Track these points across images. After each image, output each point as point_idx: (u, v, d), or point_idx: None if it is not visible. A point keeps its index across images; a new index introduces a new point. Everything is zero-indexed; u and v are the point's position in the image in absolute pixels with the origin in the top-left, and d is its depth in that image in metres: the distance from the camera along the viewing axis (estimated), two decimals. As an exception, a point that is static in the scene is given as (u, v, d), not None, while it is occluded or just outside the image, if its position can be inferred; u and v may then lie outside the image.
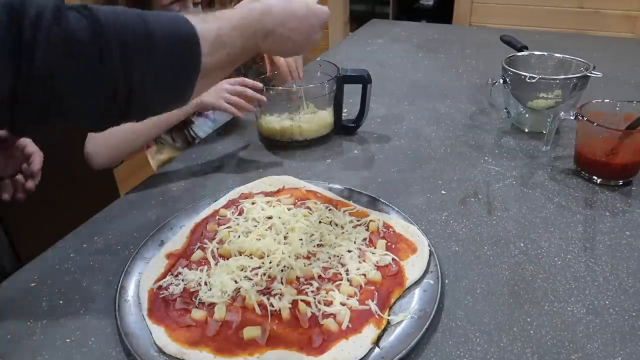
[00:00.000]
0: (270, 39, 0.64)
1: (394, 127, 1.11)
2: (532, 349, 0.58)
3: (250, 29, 0.60)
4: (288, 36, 0.65)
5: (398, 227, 0.75)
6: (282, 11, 0.64)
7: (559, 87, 1.00)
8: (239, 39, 0.58)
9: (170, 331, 0.59)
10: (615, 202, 0.84)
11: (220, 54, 0.56)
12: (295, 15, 0.66)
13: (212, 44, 0.55)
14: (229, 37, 0.57)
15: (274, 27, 0.63)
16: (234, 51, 0.58)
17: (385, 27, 1.90)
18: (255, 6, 0.63)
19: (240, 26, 0.59)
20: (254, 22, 0.61)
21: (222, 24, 0.57)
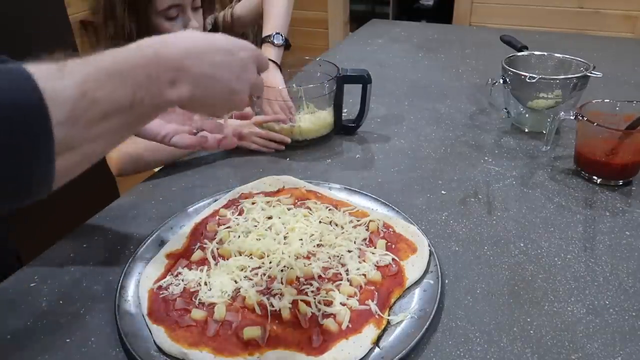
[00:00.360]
0: (184, 84, 0.47)
1: (394, 127, 1.11)
2: (532, 349, 0.58)
3: (140, 73, 0.44)
4: (212, 74, 0.49)
5: (398, 227, 0.75)
6: (193, 41, 0.49)
7: (559, 87, 1.00)
8: (120, 90, 0.43)
9: (170, 331, 0.59)
10: (615, 202, 0.84)
11: (91, 116, 0.41)
12: (216, 45, 0.51)
13: (74, 106, 0.39)
14: (103, 90, 0.41)
15: (184, 63, 0.47)
16: (115, 108, 0.42)
17: (385, 27, 1.90)
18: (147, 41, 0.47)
19: (120, 71, 0.43)
20: (146, 61, 0.45)
21: (89, 73, 0.41)
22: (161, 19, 1.06)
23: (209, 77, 0.49)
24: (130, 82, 0.44)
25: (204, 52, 0.49)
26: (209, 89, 0.50)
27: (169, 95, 0.47)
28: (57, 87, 0.39)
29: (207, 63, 0.49)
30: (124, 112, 0.43)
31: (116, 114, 0.43)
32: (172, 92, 0.47)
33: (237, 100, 0.54)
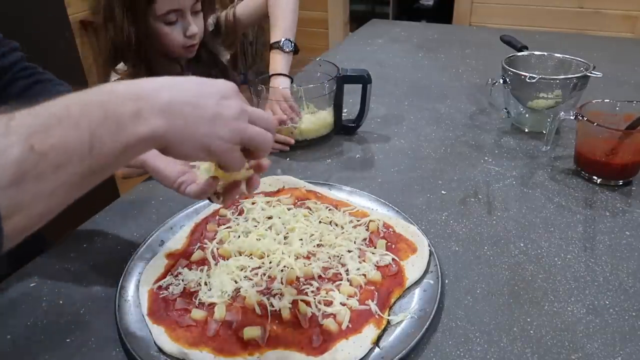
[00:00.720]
0: (153, 115, 0.42)
1: (394, 127, 1.11)
2: (532, 349, 0.58)
3: (95, 110, 0.40)
4: (186, 101, 0.44)
5: (398, 227, 0.75)
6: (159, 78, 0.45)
7: (559, 87, 1.00)
8: (73, 134, 0.38)
9: (170, 331, 0.59)
10: (615, 202, 0.84)
11: (40, 170, 0.36)
12: (186, 78, 0.47)
13: (19, 166, 0.35)
14: (53, 138, 0.37)
15: (146, 91, 0.43)
16: (69, 156, 0.38)
17: (385, 27, 1.90)
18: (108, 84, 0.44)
19: (72, 114, 0.39)
20: (101, 98, 0.41)
21: (38, 123, 0.37)
22: (160, 23, 1.05)
23: (181, 103, 0.44)
24: (85, 123, 0.39)
25: (173, 82, 0.45)
26: (184, 117, 0.44)
27: (136, 130, 0.41)
28: (1, 146, 0.35)
29: (177, 90, 0.45)
30: (82, 159, 0.39)
31: (72, 163, 0.38)
32: (140, 126, 0.41)
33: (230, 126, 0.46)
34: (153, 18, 1.04)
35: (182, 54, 1.13)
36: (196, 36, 1.11)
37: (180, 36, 1.08)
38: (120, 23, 1.03)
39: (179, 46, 1.10)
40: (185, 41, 1.09)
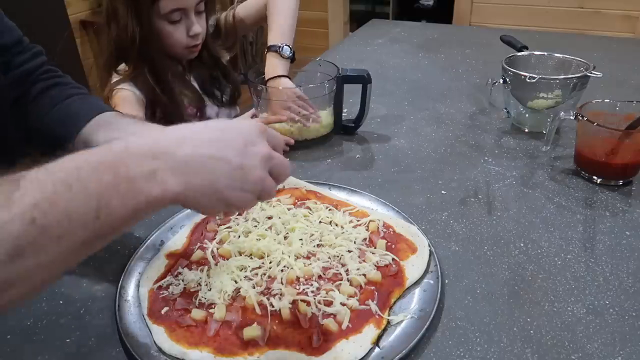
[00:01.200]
0: (168, 173, 0.40)
1: (394, 127, 1.11)
2: (532, 349, 0.58)
3: (106, 172, 0.38)
4: (206, 154, 0.42)
5: (398, 227, 0.75)
6: (176, 128, 0.44)
7: (559, 87, 1.00)
8: (79, 201, 0.37)
9: (170, 331, 0.59)
10: (615, 202, 0.84)
11: (40, 243, 0.35)
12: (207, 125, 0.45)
13: (18, 241, 0.34)
14: (57, 208, 0.36)
15: (164, 147, 0.41)
16: (73, 226, 0.36)
17: (385, 27, 1.90)
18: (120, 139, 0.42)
19: (81, 178, 0.37)
20: (113, 157, 0.39)
21: (43, 190, 0.36)
22: (164, 22, 1.06)
23: (201, 157, 0.41)
24: (94, 188, 0.37)
25: (192, 133, 0.43)
26: (204, 172, 0.42)
27: (149, 192, 0.39)
28: (1, 221, 0.34)
29: (196, 142, 0.42)
30: (87, 226, 0.37)
31: (75, 232, 0.37)
32: (153, 187, 0.39)
33: (252, 179, 0.44)
34: (157, 16, 1.04)
35: (185, 55, 1.13)
36: (199, 36, 1.11)
37: (184, 36, 1.08)
38: (124, 21, 1.03)
39: (181, 46, 1.10)
40: (188, 41, 1.10)
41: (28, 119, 0.76)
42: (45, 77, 0.79)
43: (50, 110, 0.75)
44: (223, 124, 0.46)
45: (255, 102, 1.06)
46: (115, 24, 1.05)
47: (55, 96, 0.77)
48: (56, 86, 0.79)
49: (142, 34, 1.04)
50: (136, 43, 1.04)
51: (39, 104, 0.76)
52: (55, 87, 0.78)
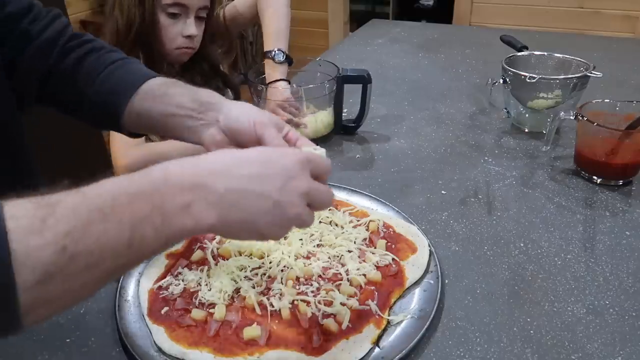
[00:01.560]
0: (204, 206, 0.40)
1: (394, 127, 1.11)
2: (532, 349, 0.58)
3: (143, 203, 0.38)
4: (243, 189, 0.42)
5: (398, 227, 0.75)
6: (218, 158, 0.44)
7: (559, 87, 1.00)
8: (114, 232, 0.37)
9: (170, 331, 0.59)
10: (615, 202, 0.84)
11: (70, 271, 0.35)
12: (248, 157, 0.44)
13: (47, 268, 0.34)
14: (89, 238, 0.36)
15: (203, 180, 0.41)
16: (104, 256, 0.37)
17: (385, 27, 1.90)
18: (160, 164, 0.42)
19: (116, 208, 0.37)
20: (152, 187, 0.39)
21: (78, 218, 0.36)
22: (164, 14, 1.07)
23: (240, 192, 0.41)
24: (128, 218, 0.37)
25: (231, 166, 0.42)
26: (241, 207, 0.41)
27: (183, 224, 0.39)
28: (32, 247, 0.34)
29: (236, 176, 0.42)
30: (118, 256, 0.37)
31: (105, 261, 0.37)
32: (187, 220, 0.40)
33: (290, 214, 0.44)
34: (159, 7, 1.06)
35: (175, 55, 1.13)
36: (193, 40, 1.11)
37: (178, 34, 1.09)
38: (127, 5, 1.04)
39: (174, 43, 1.10)
40: (181, 41, 1.10)
41: (70, 93, 0.69)
42: (75, 45, 0.70)
43: (94, 82, 0.67)
44: (265, 156, 0.46)
45: (256, 102, 1.06)
46: (119, 9, 1.06)
47: (94, 65, 0.69)
48: (92, 53, 0.70)
49: (142, 21, 1.05)
50: (134, 28, 1.05)
51: (78, 76, 0.68)
52: (91, 55, 0.70)
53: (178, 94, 0.64)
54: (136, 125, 0.67)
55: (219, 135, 0.62)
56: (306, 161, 0.47)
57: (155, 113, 0.64)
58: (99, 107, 0.67)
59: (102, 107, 0.67)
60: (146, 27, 1.06)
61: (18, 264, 0.33)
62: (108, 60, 0.69)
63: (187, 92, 0.64)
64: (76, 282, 0.36)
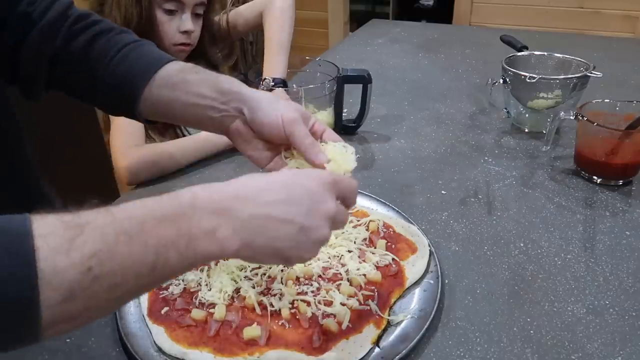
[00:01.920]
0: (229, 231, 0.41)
1: (394, 127, 1.11)
2: (532, 349, 0.58)
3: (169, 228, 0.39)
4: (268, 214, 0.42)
5: (398, 227, 0.75)
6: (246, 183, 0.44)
7: (559, 87, 1.00)
8: (139, 255, 0.37)
9: (170, 331, 0.59)
10: (615, 202, 0.84)
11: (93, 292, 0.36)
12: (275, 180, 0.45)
13: (72, 287, 0.35)
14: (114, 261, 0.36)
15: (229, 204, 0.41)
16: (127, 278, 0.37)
17: (385, 27, 1.90)
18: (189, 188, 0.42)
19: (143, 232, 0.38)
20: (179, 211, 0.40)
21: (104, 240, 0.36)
22: (159, 10, 1.08)
23: (265, 218, 0.41)
24: (153, 242, 0.38)
25: (258, 190, 0.43)
26: (267, 233, 0.41)
27: (206, 249, 0.40)
28: (59, 266, 0.34)
29: (261, 202, 0.42)
30: (141, 278, 0.38)
31: (128, 283, 0.38)
32: (212, 245, 0.40)
33: (315, 238, 0.44)
34: (155, 3, 1.07)
35: (172, 52, 1.13)
36: (190, 36, 1.12)
37: (175, 30, 1.10)
38: (125, 3, 1.05)
39: (171, 40, 1.11)
40: (178, 37, 1.11)
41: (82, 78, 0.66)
42: (83, 27, 0.66)
43: (107, 67, 0.64)
44: (291, 180, 0.45)
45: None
46: (117, 8, 1.07)
47: (105, 48, 0.65)
48: (102, 35, 0.66)
49: (140, 18, 1.06)
50: (132, 27, 1.05)
51: (89, 60, 0.65)
52: (101, 37, 0.66)
53: (198, 82, 0.61)
54: (153, 114, 0.65)
55: (244, 128, 0.60)
56: (332, 183, 0.46)
57: (174, 102, 0.62)
58: (113, 92, 0.65)
59: (117, 93, 0.64)
60: (144, 24, 1.07)
61: (44, 282, 0.33)
62: (121, 43, 0.66)
63: (207, 79, 0.62)
64: (98, 301, 0.37)
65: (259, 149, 0.62)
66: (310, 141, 0.57)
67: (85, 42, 0.66)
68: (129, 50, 0.65)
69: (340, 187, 0.47)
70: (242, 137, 0.61)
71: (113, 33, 0.67)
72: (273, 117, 0.58)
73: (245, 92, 0.60)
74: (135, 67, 0.63)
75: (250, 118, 0.59)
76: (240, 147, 0.63)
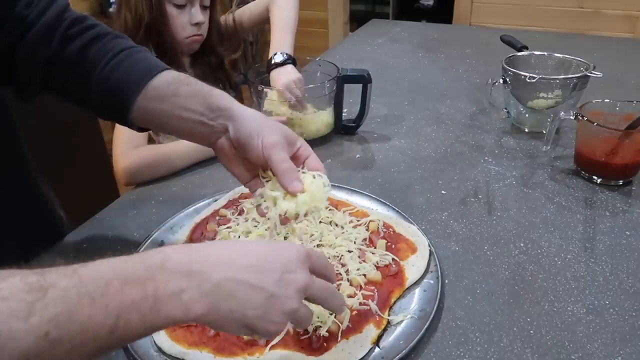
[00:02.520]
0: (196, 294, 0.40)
1: (394, 127, 1.11)
2: (532, 349, 0.58)
3: (134, 290, 0.39)
4: (239, 279, 0.42)
5: (398, 227, 0.75)
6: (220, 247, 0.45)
7: (559, 87, 1.00)
8: (98, 317, 0.37)
9: (170, 331, 0.59)
10: (615, 202, 0.84)
11: (50, 356, 0.35)
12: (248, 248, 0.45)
13: (28, 353, 0.34)
14: (73, 324, 0.36)
15: (198, 267, 0.41)
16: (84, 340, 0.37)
17: (385, 27, 1.90)
18: (162, 248, 0.43)
19: (106, 293, 0.38)
20: (146, 274, 0.40)
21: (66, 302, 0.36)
22: (170, 5, 1.11)
23: (236, 282, 0.41)
24: (116, 305, 0.37)
25: (230, 256, 0.43)
26: (236, 298, 0.41)
27: (170, 313, 0.39)
28: (15, 331, 0.34)
29: (232, 267, 0.42)
30: (98, 340, 0.37)
31: (87, 344, 0.37)
32: (176, 307, 0.39)
33: (283, 309, 0.43)
34: None
35: (185, 45, 1.17)
36: (201, 27, 1.15)
37: (186, 23, 1.13)
38: (136, 3, 1.08)
39: (183, 33, 1.14)
40: (190, 30, 1.14)
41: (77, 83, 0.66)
42: (79, 30, 0.66)
43: (101, 73, 0.64)
44: (267, 248, 0.46)
45: (256, 102, 1.06)
46: (127, 8, 1.10)
47: (100, 54, 0.65)
48: (98, 39, 0.66)
49: (151, 14, 1.09)
50: (143, 22, 1.09)
51: (83, 65, 0.65)
52: (97, 42, 0.66)
53: (189, 95, 0.62)
54: (145, 123, 0.66)
55: (228, 145, 0.62)
56: (306, 256, 0.46)
57: (165, 114, 0.62)
58: (106, 99, 0.65)
59: (110, 100, 0.64)
60: (155, 20, 1.10)
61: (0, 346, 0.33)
62: (116, 49, 0.66)
63: (199, 94, 0.62)
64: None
65: (241, 166, 0.63)
66: (287, 167, 0.58)
67: (81, 46, 0.65)
68: (124, 56, 0.65)
69: (312, 261, 0.47)
70: (226, 154, 0.63)
71: (109, 38, 0.67)
72: (254, 140, 0.59)
73: (234, 109, 0.61)
74: (129, 75, 0.63)
75: (234, 137, 0.60)
76: (223, 162, 0.65)
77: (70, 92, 0.68)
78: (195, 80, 0.64)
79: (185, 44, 1.16)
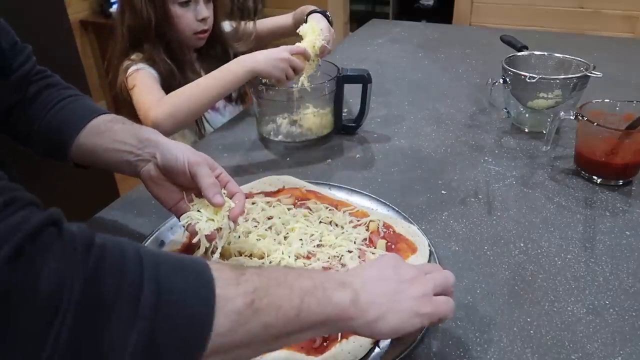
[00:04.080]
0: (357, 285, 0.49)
1: (394, 127, 1.11)
2: (532, 349, 0.58)
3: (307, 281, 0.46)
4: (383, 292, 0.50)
5: (398, 227, 0.75)
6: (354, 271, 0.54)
7: (559, 87, 1.00)
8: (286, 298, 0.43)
9: (170, 331, 0.59)
10: (615, 202, 0.84)
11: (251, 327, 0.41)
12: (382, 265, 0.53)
13: (238, 317, 0.40)
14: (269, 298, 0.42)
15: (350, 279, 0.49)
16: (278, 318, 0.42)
17: (385, 27, 1.90)
18: None
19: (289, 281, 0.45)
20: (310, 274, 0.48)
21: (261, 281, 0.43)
22: (174, 5, 1.13)
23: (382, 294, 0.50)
24: (297, 289, 0.44)
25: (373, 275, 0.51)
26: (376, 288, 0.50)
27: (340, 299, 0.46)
28: (229, 295, 0.40)
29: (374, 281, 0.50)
30: (288, 322, 0.43)
31: (278, 325, 0.42)
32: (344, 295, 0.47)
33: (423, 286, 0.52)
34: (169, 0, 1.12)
35: (193, 41, 1.20)
36: (207, 21, 1.18)
37: (193, 20, 1.16)
38: (139, 6, 1.09)
39: (190, 30, 1.17)
40: (196, 25, 1.17)
41: (23, 122, 0.74)
42: (37, 79, 0.76)
43: (46, 115, 0.73)
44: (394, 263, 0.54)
45: (256, 102, 1.06)
46: (130, 10, 1.11)
47: (48, 99, 0.74)
48: (48, 88, 0.76)
49: (157, 17, 1.11)
50: (152, 25, 1.11)
51: (32, 107, 0.74)
52: (47, 89, 0.76)
53: (122, 130, 0.70)
54: (81, 159, 0.72)
55: (155, 171, 0.67)
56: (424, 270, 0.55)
57: (98, 148, 0.70)
58: (48, 139, 0.72)
59: (51, 140, 0.72)
60: (161, 22, 1.12)
61: (219, 306, 0.39)
62: (62, 96, 0.74)
63: (130, 129, 0.70)
64: (251, 339, 0.41)
65: (168, 191, 0.69)
66: (211, 182, 0.64)
67: (34, 93, 0.74)
68: (68, 102, 0.74)
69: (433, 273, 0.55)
70: (153, 179, 0.68)
71: (59, 87, 0.76)
72: (179, 161, 0.65)
73: (160, 140, 0.68)
74: (71, 118, 0.72)
75: (161, 162, 0.66)
76: (149, 188, 0.69)
77: (17, 132, 0.75)
78: (130, 121, 0.72)
79: (194, 39, 1.19)
